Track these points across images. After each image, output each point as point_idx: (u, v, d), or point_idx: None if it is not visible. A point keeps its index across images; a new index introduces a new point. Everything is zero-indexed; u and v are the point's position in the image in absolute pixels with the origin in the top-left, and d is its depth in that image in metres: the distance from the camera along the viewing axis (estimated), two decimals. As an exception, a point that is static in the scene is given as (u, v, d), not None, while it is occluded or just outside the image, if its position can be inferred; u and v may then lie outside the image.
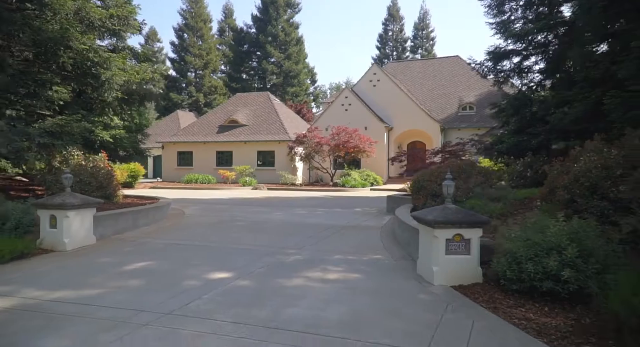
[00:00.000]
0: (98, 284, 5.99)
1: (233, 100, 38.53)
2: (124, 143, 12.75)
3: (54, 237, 8.08)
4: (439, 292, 5.43)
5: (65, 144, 10.55)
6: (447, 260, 5.65)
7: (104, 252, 7.98)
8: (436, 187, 10.03)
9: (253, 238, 9.28)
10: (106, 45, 12.72)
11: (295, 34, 59.47)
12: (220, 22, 69.69)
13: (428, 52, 69.94)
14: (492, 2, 17.08)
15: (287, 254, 7.73)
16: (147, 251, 8.08)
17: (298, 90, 59.36)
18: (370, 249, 8.05)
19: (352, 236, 9.45)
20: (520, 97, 14.28)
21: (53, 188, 10.43)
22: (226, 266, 6.93)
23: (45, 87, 10.44)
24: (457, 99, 34.81)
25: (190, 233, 9.96)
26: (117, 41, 13.08)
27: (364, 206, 16.06)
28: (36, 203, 8.34)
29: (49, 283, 6.02)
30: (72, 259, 7.44)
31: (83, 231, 8.43)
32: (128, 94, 12.51)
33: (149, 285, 5.94)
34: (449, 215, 5.65)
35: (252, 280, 6.11)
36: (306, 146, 28.36)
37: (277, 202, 17.63)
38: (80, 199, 8.36)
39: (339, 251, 7.91)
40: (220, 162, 33.72)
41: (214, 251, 8.06)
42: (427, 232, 5.85)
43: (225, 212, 13.81)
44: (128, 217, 9.98)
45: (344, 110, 32.47)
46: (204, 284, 5.91)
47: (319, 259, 7.29)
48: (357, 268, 6.71)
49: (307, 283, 5.95)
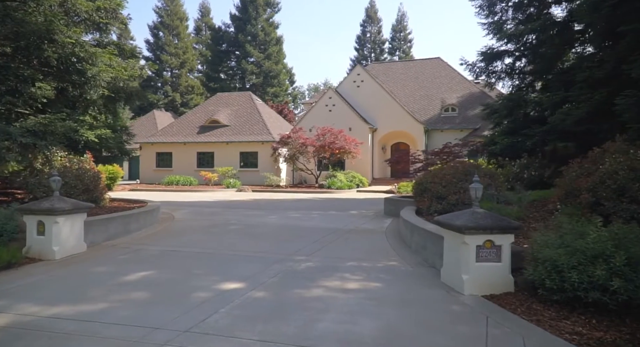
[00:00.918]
0: (98, 297, 5.47)
1: (214, 100, 37.76)
2: (109, 143, 12.10)
3: (42, 245, 7.48)
4: (471, 302, 5.12)
5: (48, 145, 9.89)
6: (477, 268, 5.35)
7: (97, 260, 7.42)
8: (441, 189, 9.78)
9: (254, 244, 8.84)
10: (89, 40, 12.05)
11: (274, 33, 58.92)
12: (197, 21, 68.56)
13: (406, 54, 70.29)
14: (483, 3, 17.05)
15: (296, 261, 7.33)
16: (143, 259, 7.56)
17: (278, 91, 58.82)
18: (382, 255, 7.72)
19: (358, 241, 9.10)
20: (514, 98, 14.19)
21: (36, 192, 9.76)
22: (234, 275, 6.49)
23: (27, 84, 9.75)
24: (440, 101, 34.91)
25: (185, 239, 9.44)
26: (101, 36, 12.45)
27: (358, 208, 15.74)
28: (22, 208, 7.71)
29: (44, 297, 5.48)
30: (64, 269, 6.86)
31: (73, 237, 7.84)
32: (114, 92, 11.88)
33: (156, 298, 5.45)
34: (480, 220, 5.36)
35: (267, 291, 5.69)
36: (290, 147, 27.89)
37: (266, 205, 17.16)
38: (70, 203, 7.77)
39: (350, 257, 7.55)
40: (201, 164, 32.96)
41: (215, 258, 7.60)
42: (455, 238, 5.54)
43: (216, 215, 13.28)
44: (119, 222, 9.40)
45: (327, 110, 32.16)
46: (216, 296, 5.46)
47: (332, 267, 6.91)
48: (376, 276, 6.36)
49: (327, 294, 5.57)
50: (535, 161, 13.45)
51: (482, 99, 33.78)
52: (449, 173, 10.05)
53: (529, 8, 16.55)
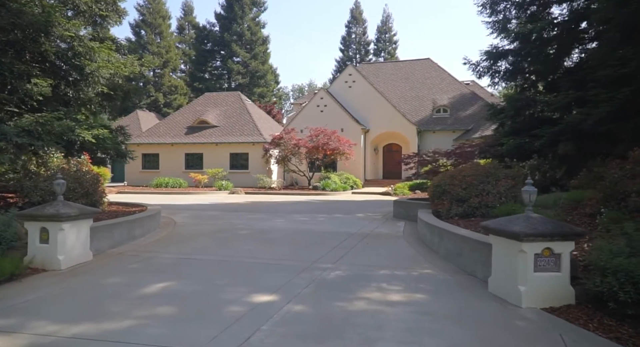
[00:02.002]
0: (121, 313, 4.93)
1: (202, 100, 36.99)
2: (107, 144, 11.44)
3: (46, 253, 6.87)
4: (533, 317, 4.74)
5: (45, 145, 9.24)
6: (535, 278, 4.97)
7: (107, 270, 6.85)
8: (461, 191, 9.44)
9: (270, 250, 8.34)
10: (84, 34, 11.38)
11: (261, 33, 58.24)
12: (180, 20, 67.40)
13: (391, 55, 70.34)
14: (485, 2, 16.85)
15: (323, 269, 6.87)
16: (157, 269, 7.00)
17: (265, 91, 58.15)
18: (411, 262, 7.31)
19: (379, 246, 8.67)
20: (522, 97, 13.94)
21: (32, 195, 9.08)
22: (262, 285, 6.00)
23: (22, 80, 9.09)
24: (431, 102, 34.79)
25: (195, 245, 8.88)
26: (96, 30, 11.78)
27: (362, 211, 15.32)
28: (23, 214, 7.07)
29: (60, 313, 4.92)
30: (73, 281, 6.28)
31: (79, 245, 7.25)
32: (112, 89, 11.24)
33: (185, 313, 4.94)
34: (538, 226, 4.98)
35: (305, 304, 5.23)
36: (283, 148, 27.36)
37: (266, 208, 16.64)
38: (76, 208, 7.17)
39: (379, 265, 7.12)
40: (189, 165, 32.19)
41: (235, 267, 7.09)
42: (509, 245, 5.15)
43: (219, 219, 12.72)
44: (124, 227, 8.80)
45: (319, 111, 31.73)
46: (251, 311, 4.98)
47: (364, 276, 6.48)
48: (415, 286, 5.93)
49: (373, 307, 5.12)
50: (545, 162, 13.22)
51: (473, 101, 33.84)
52: (468, 175, 9.71)
53: (531, 7, 16.43)
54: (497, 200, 8.92)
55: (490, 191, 9.09)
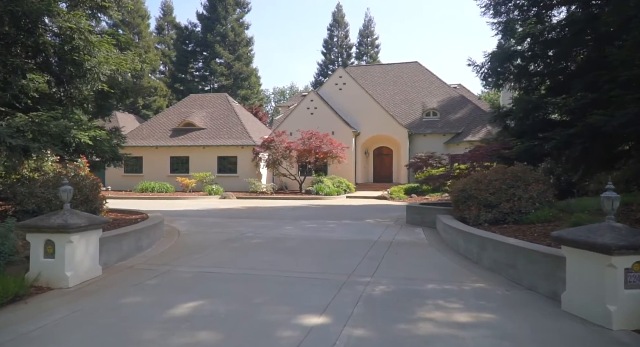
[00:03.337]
0: (156, 341, 4.23)
1: (187, 102, 35.95)
2: (104, 147, 10.62)
3: (52, 269, 6.07)
4: (630, 341, 4.22)
5: (42, 147, 8.40)
6: (627, 296, 4.46)
7: (122, 288, 6.08)
8: (489, 196, 8.96)
9: (295, 262, 7.68)
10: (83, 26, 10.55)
11: (244, 34, 57.34)
12: (159, 20, 65.78)
13: (373, 59, 70.35)
14: (488, 3, 16.56)
15: (363, 283, 6.25)
16: (179, 285, 6.27)
17: (249, 93, 57.23)
18: (456, 274, 6.74)
19: (410, 256, 8.08)
20: (532, 99, 13.58)
21: (27, 203, 8.21)
22: (304, 304, 5.36)
23: (16, 75, 8.23)
24: (420, 105, 34.57)
25: (210, 257, 8.15)
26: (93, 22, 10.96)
27: (369, 216, 14.75)
28: (25, 225, 6.25)
29: (83, 343, 4.19)
30: (88, 301, 5.50)
31: (88, 259, 6.47)
32: (111, 87, 10.44)
33: (233, 340, 4.27)
34: (629, 237, 4.48)
35: (366, 328, 4.59)
36: (274, 151, 26.64)
37: (267, 214, 15.92)
38: (85, 218, 6.39)
39: (422, 278, 6.54)
40: (175, 169, 31.15)
41: (264, 282, 6.40)
42: (593, 259, 4.62)
43: (223, 227, 11.96)
44: (131, 238, 8.01)
45: (309, 113, 31.12)
46: (308, 336, 4.33)
47: (413, 291, 5.88)
48: (477, 304, 5.36)
49: (443, 331, 4.52)
50: (558, 165, 12.90)
51: (462, 104, 33.75)
52: (495, 178, 9.24)
53: (532, 8, 16.20)
54: (531, 205, 8.46)
55: (522, 195, 8.63)
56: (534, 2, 16.04)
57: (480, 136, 28.92)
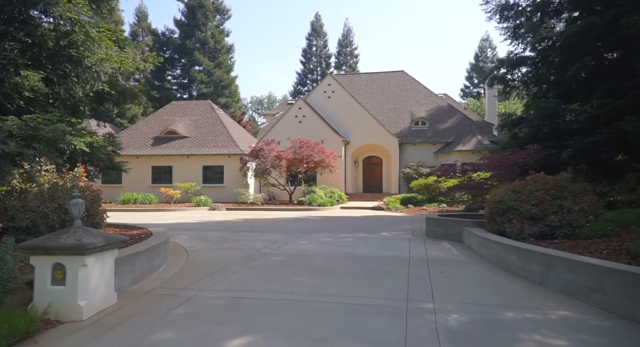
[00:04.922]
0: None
1: (169, 109, 34.63)
2: (100, 154, 9.58)
3: (62, 298, 5.03)
4: None
5: (37, 154, 7.35)
6: None
7: (147, 320, 5.06)
8: (532, 208, 8.29)
9: (335, 284, 6.75)
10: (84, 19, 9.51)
11: (225, 41, 56.28)
12: (133, 26, 64.05)
13: (352, 68, 70.17)
14: (494, 8, 16.20)
15: (429, 311, 5.39)
16: (214, 315, 5.29)
17: (229, 101, 56.00)
18: (526, 299, 5.93)
19: (459, 277, 7.25)
20: (550, 106, 13.13)
21: (19, 219, 7.07)
22: (374, 339, 4.50)
23: (8, 71, 7.17)
24: (409, 114, 34.21)
25: (234, 278, 7.15)
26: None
27: (381, 229, 13.93)
28: (29, 246, 5.19)
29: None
30: (111, 339, 4.48)
31: (103, 286, 5.44)
32: (111, 88, 9.42)
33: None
34: None
35: (474, 373, 3.77)
36: (262, 160, 25.64)
37: (270, 227, 14.94)
38: (101, 236, 5.39)
39: (493, 304, 5.72)
40: (157, 179, 29.78)
41: (316, 311, 5.43)
42: None
43: (232, 242, 10.94)
44: (144, 258, 6.98)
45: (297, 122, 30.29)
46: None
47: (494, 321, 5.04)
48: (579, 339, 4.53)
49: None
50: (580, 175, 12.42)
51: (451, 113, 33.55)
52: (537, 189, 8.59)
53: (535, 14, 15.93)
54: (584, 218, 7.81)
55: (572, 207, 7.98)
56: (538, 7, 15.80)
57: (471, 146, 28.67)
